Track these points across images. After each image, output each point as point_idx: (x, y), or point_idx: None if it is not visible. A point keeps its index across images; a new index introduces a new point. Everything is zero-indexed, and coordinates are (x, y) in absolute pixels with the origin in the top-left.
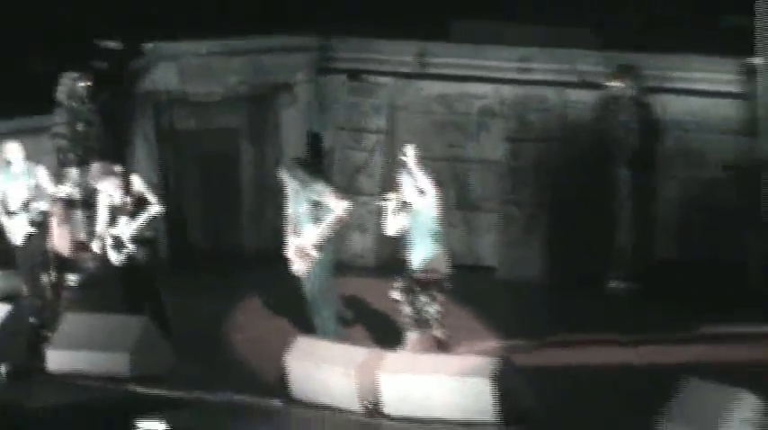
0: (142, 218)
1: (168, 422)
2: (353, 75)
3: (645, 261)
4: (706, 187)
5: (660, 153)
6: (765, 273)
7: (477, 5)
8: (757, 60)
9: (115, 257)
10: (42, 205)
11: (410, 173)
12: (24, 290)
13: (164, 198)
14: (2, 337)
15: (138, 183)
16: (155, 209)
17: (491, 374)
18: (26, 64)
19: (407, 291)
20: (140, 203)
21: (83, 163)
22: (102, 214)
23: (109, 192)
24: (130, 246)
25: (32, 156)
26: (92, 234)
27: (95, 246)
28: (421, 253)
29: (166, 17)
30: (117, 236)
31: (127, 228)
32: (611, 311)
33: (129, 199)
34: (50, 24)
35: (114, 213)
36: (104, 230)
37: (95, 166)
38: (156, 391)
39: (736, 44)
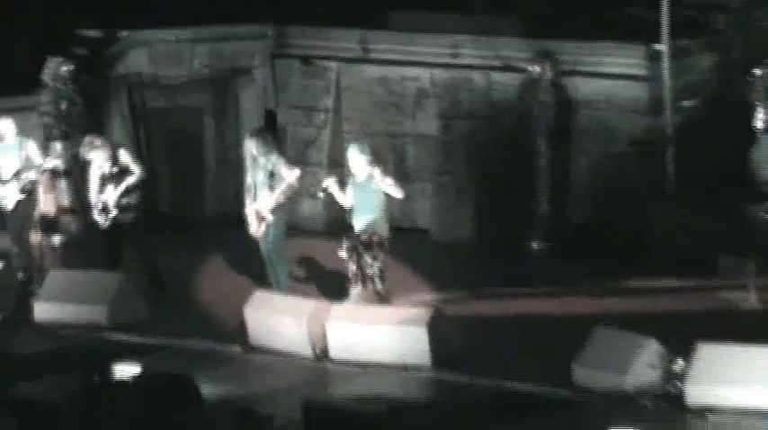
0: (125, 185)
1: (141, 366)
2: (304, 60)
3: (561, 224)
4: (614, 160)
5: (574, 129)
6: (661, 233)
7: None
8: (661, 47)
9: (102, 220)
10: (31, 175)
11: (357, 151)
12: (14, 249)
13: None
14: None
15: (124, 154)
16: (137, 177)
17: (425, 323)
18: (16, 50)
19: (352, 250)
20: (125, 173)
21: (66, 137)
22: (93, 182)
23: (98, 162)
24: (115, 211)
25: (22, 132)
26: (74, 200)
27: (93, 211)
28: (364, 218)
29: (139, 8)
30: (104, 201)
31: (113, 194)
32: (531, 268)
33: (115, 168)
34: (37, 15)
35: (103, 181)
36: (95, 196)
37: (87, 139)
38: (130, 339)
39: (643, 32)
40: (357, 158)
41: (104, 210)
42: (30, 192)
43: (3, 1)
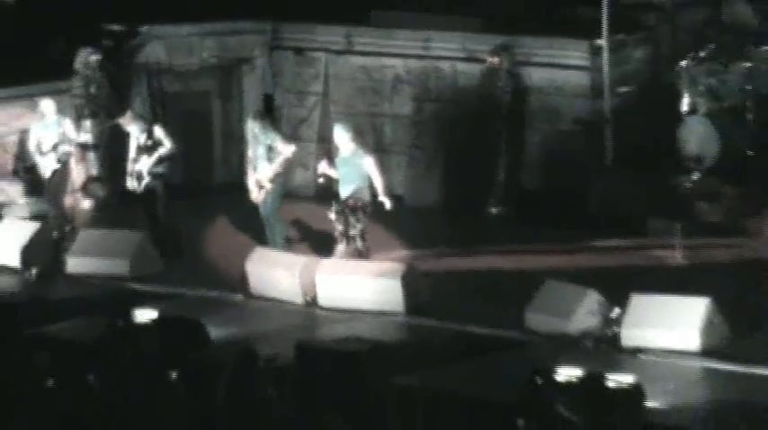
0: (158, 155)
1: (157, 311)
2: (297, 51)
3: (516, 191)
4: (561, 137)
5: (527, 111)
6: (602, 200)
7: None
8: (601, 41)
9: (136, 186)
10: (66, 148)
11: (342, 130)
12: (51, 211)
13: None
14: (32, 247)
15: (158, 129)
16: (169, 150)
17: (399, 276)
18: (52, 42)
19: (340, 213)
20: (157, 145)
21: (95, 116)
22: (131, 151)
23: (135, 134)
24: (148, 178)
25: (59, 111)
26: (101, 170)
27: (127, 178)
28: (350, 186)
29: (156, 6)
30: (139, 170)
31: (147, 163)
32: (490, 229)
33: (150, 141)
34: (69, 11)
35: (138, 152)
36: (130, 165)
37: (128, 114)
38: (148, 288)
39: (587, 29)
40: (342, 136)
41: (138, 177)
42: (65, 162)
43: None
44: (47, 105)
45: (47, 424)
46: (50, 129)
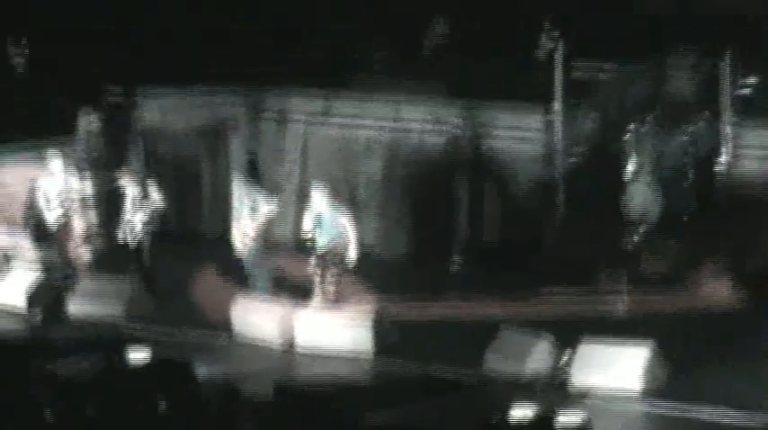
0: (151, 209)
1: (147, 351)
2: (279, 116)
3: (476, 244)
4: (518, 195)
5: (487, 170)
6: (554, 253)
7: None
8: (556, 109)
9: (128, 238)
10: (68, 201)
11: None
12: (54, 259)
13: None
14: (40, 292)
15: (151, 186)
16: (159, 205)
17: (369, 321)
18: (58, 102)
19: (318, 264)
20: (149, 201)
21: (93, 172)
22: (126, 205)
23: (131, 190)
24: (140, 231)
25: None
26: (99, 222)
27: (122, 228)
28: (326, 240)
29: (152, 72)
30: (132, 221)
31: (140, 216)
32: (453, 278)
33: (143, 196)
34: (75, 74)
35: (132, 206)
36: (126, 217)
37: (125, 171)
38: (140, 329)
39: (542, 96)
40: (319, 197)
41: (131, 230)
42: (68, 214)
43: (48, 63)
44: (55, 162)
45: None
46: (57, 184)
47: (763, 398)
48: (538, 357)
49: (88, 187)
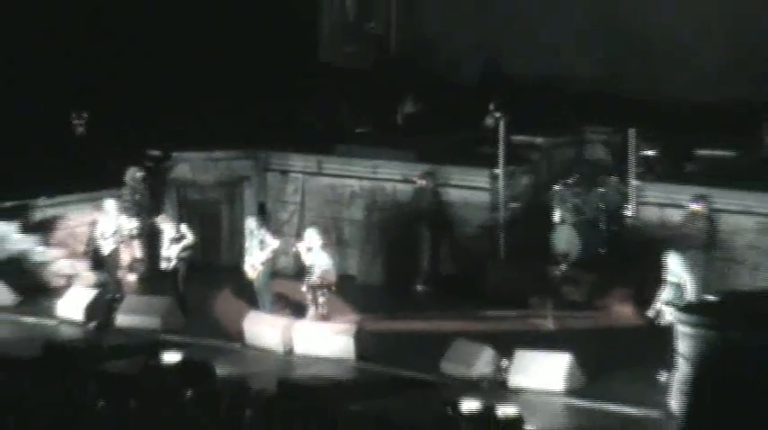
0: (183, 245)
1: (179, 354)
2: (282, 172)
3: (436, 275)
4: (469, 237)
5: (445, 218)
6: (496, 283)
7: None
8: (498, 170)
9: (165, 266)
10: (119, 237)
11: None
12: (106, 281)
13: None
14: (93, 307)
15: (183, 227)
16: (190, 241)
17: (352, 333)
18: (107, 162)
19: (310, 288)
20: (182, 238)
21: (138, 215)
22: (164, 241)
23: (167, 229)
24: (175, 261)
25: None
26: (142, 253)
27: (161, 261)
28: (317, 269)
29: (184, 138)
30: (168, 255)
31: (174, 250)
32: (417, 301)
33: (177, 234)
34: (126, 139)
35: (168, 242)
36: (164, 251)
37: (162, 215)
38: (173, 338)
39: (488, 160)
40: (312, 235)
41: (168, 259)
42: (118, 247)
43: (104, 130)
44: (109, 206)
45: None
46: (110, 223)
47: (656, 396)
48: (483, 362)
49: (134, 226)
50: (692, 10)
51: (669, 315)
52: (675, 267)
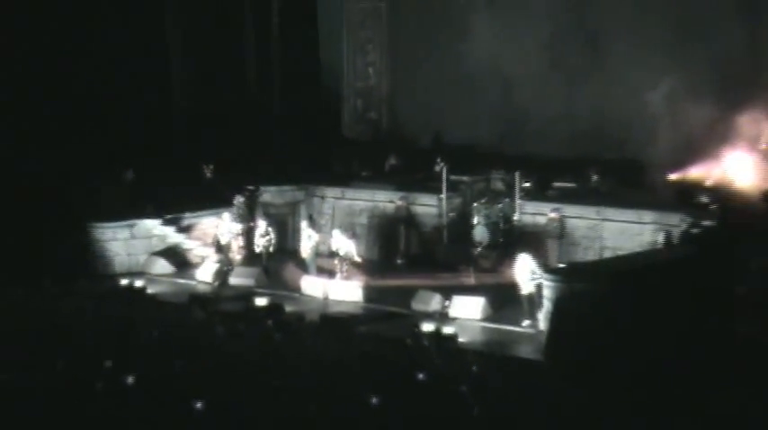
0: (270, 237)
1: (264, 301)
2: (321, 197)
3: (408, 253)
4: (426, 231)
5: (413, 224)
6: (442, 255)
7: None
8: (442, 196)
9: (256, 250)
10: (230, 234)
11: (338, 231)
12: (224, 260)
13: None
14: (217, 273)
15: (269, 228)
16: (271, 236)
17: (362, 287)
18: (226, 191)
19: (338, 261)
20: (268, 234)
21: (242, 222)
22: (256, 236)
23: (258, 229)
24: (261, 247)
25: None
26: (245, 244)
27: (255, 247)
28: (341, 251)
29: (265, 177)
30: (259, 244)
31: (261, 241)
32: (398, 269)
33: (264, 232)
34: (230, 179)
35: (259, 236)
36: (256, 242)
37: (256, 221)
38: (261, 290)
39: (436, 190)
40: (337, 233)
41: (258, 246)
42: (230, 239)
43: (221, 173)
44: (225, 217)
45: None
46: (226, 226)
47: (530, 318)
48: (434, 302)
49: (239, 228)
50: (554, 99)
51: (532, 285)
52: (531, 264)
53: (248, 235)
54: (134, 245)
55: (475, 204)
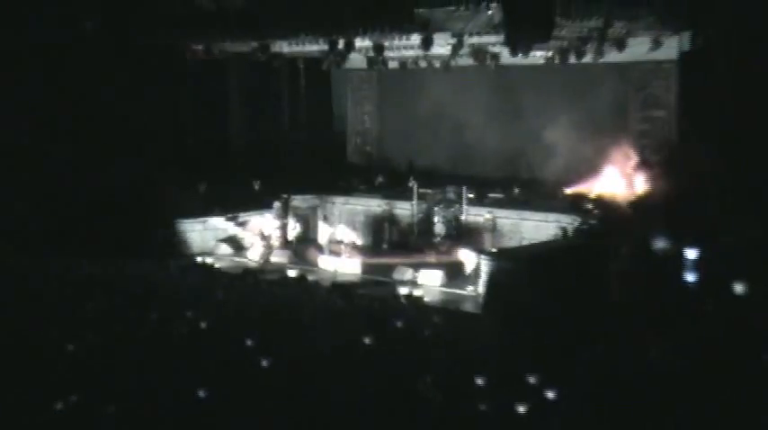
0: (296, 231)
1: (294, 272)
2: (332, 203)
3: (391, 241)
4: (404, 226)
5: (394, 221)
6: (414, 242)
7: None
8: (413, 202)
9: (289, 239)
10: (271, 227)
11: (343, 227)
12: (267, 245)
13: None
14: (262, 254)
15: (297, 224)
16: (298, 229)
17: (360, 263)
18: (270, 198)
19: (344, 247)
20: (295, 228)
21: (278, 219)
22: (289, 230)
23: (291, 224)
24: (293, 237)
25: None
26: (279, 239)
27: (288, 235)
28: (347, 238)
29: (294, 190)
30: (290, 235)
31: (292, 233)
32: (384, 252)
33: (293, 226)
34: (274, 190)
35: (291, 230)
36: (289, 233)
37: (291, 221)
38: (292, 266)
39: (409, 198)
40: (344, 227)
41: (290, 236)
42: (272, 231)
43: (266, 187)
44: (268, 215)
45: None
46: (269, 223)
47: (473, 285)
48: (407, 275)
49: (277, 224)
50: (490, 136)
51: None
52: (470, 257)
53: (283, 228)
54: (206, 235)
55: (435, 208)
